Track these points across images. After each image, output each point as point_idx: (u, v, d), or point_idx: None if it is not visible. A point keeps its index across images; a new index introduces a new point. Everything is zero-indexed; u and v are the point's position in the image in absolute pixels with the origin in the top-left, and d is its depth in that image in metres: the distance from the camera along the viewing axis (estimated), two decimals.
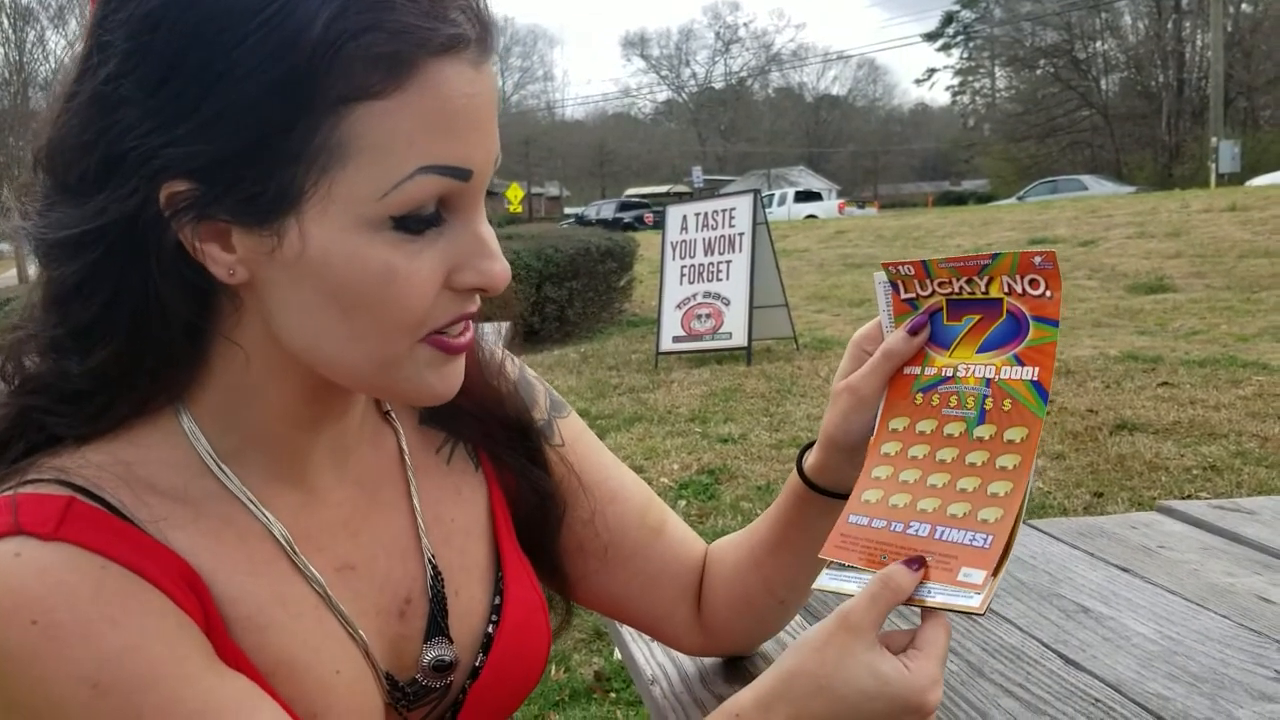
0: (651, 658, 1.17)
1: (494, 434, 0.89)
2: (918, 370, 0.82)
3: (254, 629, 0.70)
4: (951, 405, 0.80)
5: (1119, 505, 4.34)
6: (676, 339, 8.41)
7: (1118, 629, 1.19)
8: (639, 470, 5.25)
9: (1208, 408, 5.70)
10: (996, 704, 1.03)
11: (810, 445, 0.90)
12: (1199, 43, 43.52)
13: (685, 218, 8.67)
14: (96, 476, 0.68)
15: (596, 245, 10.95)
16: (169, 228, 0.64)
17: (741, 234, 8.27)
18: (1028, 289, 0.78)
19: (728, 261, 8.29)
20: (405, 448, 0.84)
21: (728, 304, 8.22)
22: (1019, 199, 29.14)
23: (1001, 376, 0.78)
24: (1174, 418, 5.54)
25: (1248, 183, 23.70)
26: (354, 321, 0.66)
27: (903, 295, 0.84)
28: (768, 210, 8.37)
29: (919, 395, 0.82)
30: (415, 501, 0.83)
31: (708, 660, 1.11)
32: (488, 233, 0.69)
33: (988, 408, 0.78)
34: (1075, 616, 1.23)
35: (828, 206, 38.67)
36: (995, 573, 0.72)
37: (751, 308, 8.03)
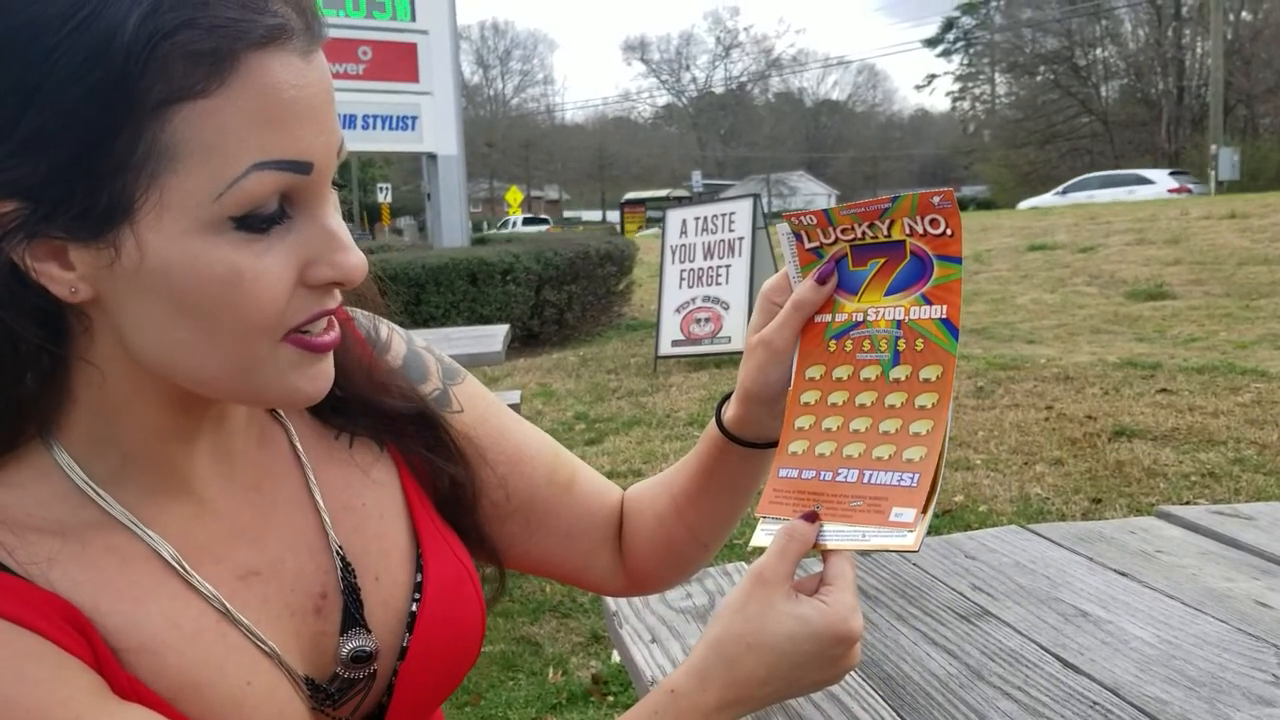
0: (651, 659, 1.17)
1: (391, 424, 0.87)
2: (829, 318, 0.83)
3: (148, 657, 0.68)
4: (865, 349, 0.81)
5: (1117, 511, 4.34)
6: (675, 343, 8.41)
7: (1116, 633, 1.19)
8: (637, 473, 5.25)
9: (1206, 414, 5.71)
10: (995, 706, 1.03)
11: (728, 397, 0.90)
12: (1199, 50, 43.58)
13: (685, 222, 8.67)
14: None
15: (595, 249, 10.95)
16: (0, 251, 0.61)
17: (741, 238, 8.27)
18: (929, 229, 0.78)
19: (727, 266, 8.29)
20: (297, 445, 0.83)
21: (727, 308, 8.22)
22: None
23: (911, 317, 0.79)
24: (1172, 424, 5.54)
25: (1053, 194, 25.68)
26: (205, 329, 0.64)
27: (807, 245, 0.84)
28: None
29: (832, 342, 0.82)
30: (316, 495, 0.81)
31: None
32: (338, 225, 0.67)
33: (901, 349, 0.79)
34: (1074, 620, 1.23)
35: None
36: (925, 509, 0.74)
37: (751, 312, 8.02)
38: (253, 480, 0.79)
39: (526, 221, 42.52)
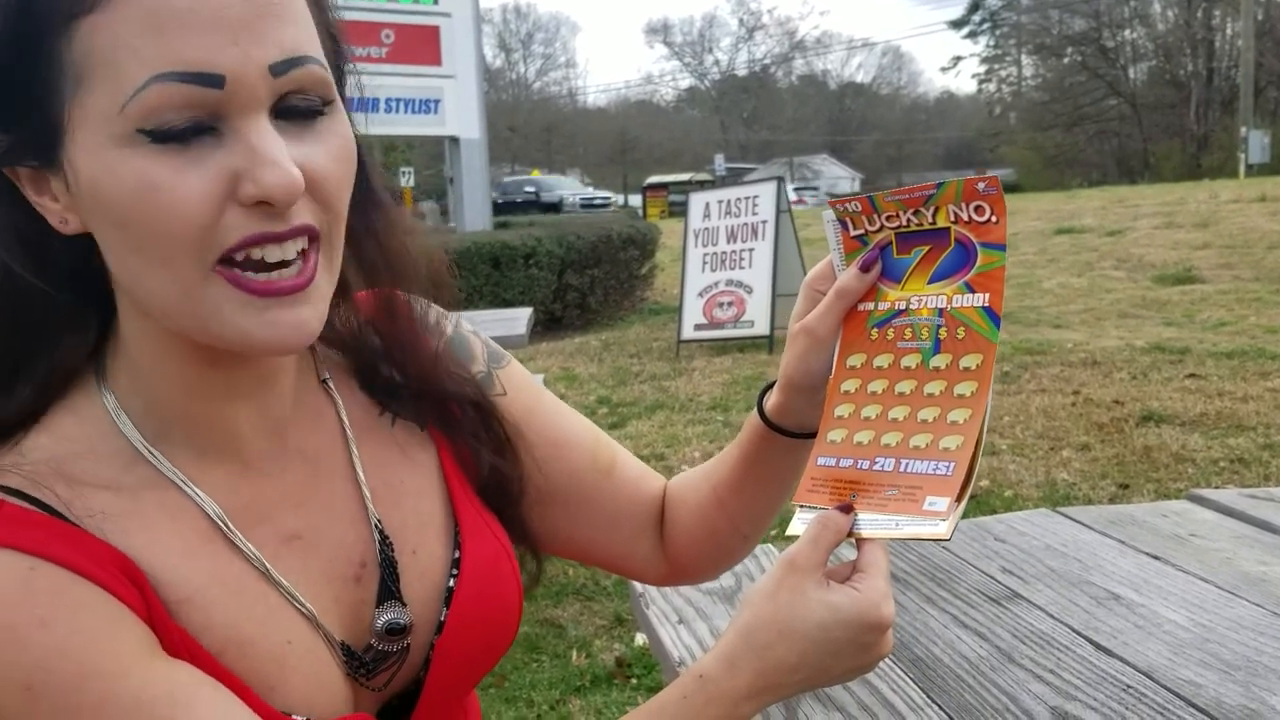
0: (678, 640, 1.17)
1: (442, 409, 0.88)
2: (871, 306, 0.83)
3: (196, 610, 0.70)
4: (907, 338, 0.80)
5: (1145, 497, 4.31)
6: (698, 327, 8.39)
7: (1149, 616, 1.18)
8: (660, 458, 5.25)
9: (1235, 400, 5.65)
10: (1027, 689, 1.02)
11: (770, 386, 0.90)
12: (1229, 31, 42.99)
13: (708, 205, 8.65)
14: (30, 476, 0.68)
15: (618, 232, 10.94)
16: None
17: (765, 222, 8.24)
18: (974, 216, 0.78)
19: (750, 249, 8.26)
20: (344, 417, 0.84)
21: (750, 292, 8.19)
22: None
23: (954, 305, 0.78)
24: (1201, 409, 5.49)
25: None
26: (135, 244, 0.64)
27: (852, 232, 0.84)
28: None
29: (874, 331, 0.82)
30: (359, 469, 0.82)
31: None
32: (265, 142, 0.64)
33: (942, 337, 0.79)
34: (1106, 603, 1.22)
35: None
36: (959, 499, 0.74)
37: (774, 296, 8.00)
38: (301, 448, 0.80)
39: (584, 205, 33.63)
